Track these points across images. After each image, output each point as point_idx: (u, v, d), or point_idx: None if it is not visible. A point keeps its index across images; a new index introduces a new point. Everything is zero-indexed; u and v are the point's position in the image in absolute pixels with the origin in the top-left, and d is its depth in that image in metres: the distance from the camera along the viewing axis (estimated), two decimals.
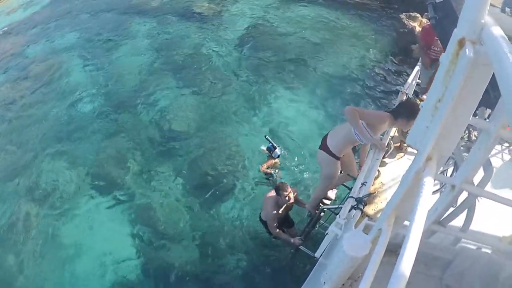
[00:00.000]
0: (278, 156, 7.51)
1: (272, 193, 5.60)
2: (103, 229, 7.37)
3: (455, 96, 1.27)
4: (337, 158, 4.88)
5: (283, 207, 5.59)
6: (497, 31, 1.02)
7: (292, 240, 5.38)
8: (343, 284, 2.47)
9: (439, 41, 5.05)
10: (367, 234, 2.12)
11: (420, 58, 6.52)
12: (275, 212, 5.52)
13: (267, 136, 7.43)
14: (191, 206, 7.51)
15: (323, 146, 4.93)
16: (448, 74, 1.28)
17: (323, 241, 3.98)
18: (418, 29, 12.30)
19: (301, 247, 5.30)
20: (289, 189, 5.38)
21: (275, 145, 7.32)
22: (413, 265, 1.19)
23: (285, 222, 5.98)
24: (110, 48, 12.71)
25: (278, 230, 5.61)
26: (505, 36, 0.99)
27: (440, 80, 1.31)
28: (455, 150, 2.78)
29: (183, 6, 14.98)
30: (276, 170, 7.61)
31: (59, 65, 12.21)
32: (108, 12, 15.10)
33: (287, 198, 5.33)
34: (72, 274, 6.78)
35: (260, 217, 5.98)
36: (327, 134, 5.02)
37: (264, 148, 7.80)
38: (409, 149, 5.33)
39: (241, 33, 12.89)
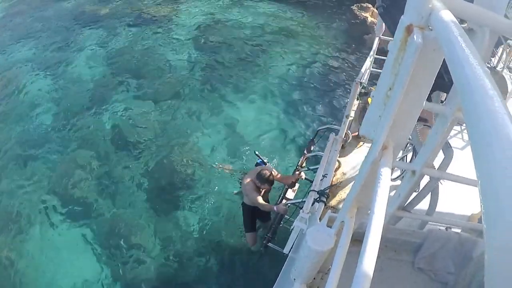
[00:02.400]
0: None
1: (248, 178, 5.72)
2: (65, 247, 7.06)
3: (405, 83, 1.26)
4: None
5: (263, 191, 5.75)
6: (446, 14, 1.01)
7: (275, 208, 5.35)
8: (314, 278, 2.46)
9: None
10: (331, 226, 2.12)
11: None
12: (258, 193, 5.65)
13: (256, 152, 7.18)
14: (154, 214, 7.38)
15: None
16: (397, 62, 1.27)
17: (290, 236, 3.98)
18: (370, 19, 12.51)
19: (270, 244, 5.28)
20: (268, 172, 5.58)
21: (264, 160, 7.03)
22: (383, 252, 1.18)
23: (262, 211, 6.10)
24: (63, 59, 12.30)
25: (261, 201, 5.67)
26: (455, 20, 0.98)
27: (389, 68, 1.30)
28: (413, 135, 2.82)
29: (134, 11, 14.75)
30: None
31: (10, 79, 11.69)
32: (60, 23, 14.64)
33: (269, 177, 5.54)
34: None
35: (242, 204, 6.17)
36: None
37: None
38: None
39: (194, 35, 12.80)
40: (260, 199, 5.59)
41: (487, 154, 0.56)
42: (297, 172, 5.71)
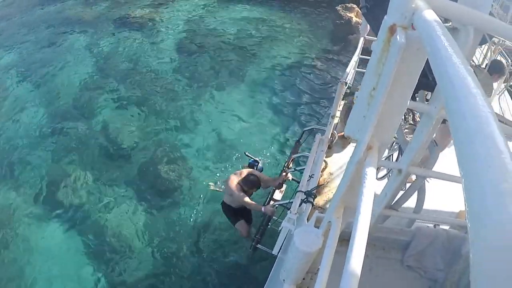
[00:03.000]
0: (262, 170, 7.14)
1: (234, 179, 5.68)
2: (56, 250, 6.96)
3: (389, 83, 1.26)
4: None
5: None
6: (429, 14, 1.01)
7: (263, 209, 5.28)
8: (304, 278, 2.46)
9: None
10: (319, 227, 2.12)
11: None
12: (244, 193, 5.60)
13: (247, 153, 7.02)
14: (142, 216, 7.33)
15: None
16: (381, 62, 1.27)
17: (279, 237, 3.98)
18: (355, 19, 12.59)
19: (259, 245, 5.26)
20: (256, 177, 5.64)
21: (257, 159, 6.91)
22: (372, 251, 1.18)
23: (245, 211, 6.05)
24: (49, 63, 12.12)
25: (248, 200, 5.60)
26: (438, 19, 0.98)
27: (373, 68, 1.30)
28: (399, 134, 2.84)
29: (118, 15, 14.68)
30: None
31: None
32: (46, 27, 14.45)
33: (257, 182, 5.61)
34: None
35: (223, 204, 6.07)
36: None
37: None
38: None
39: (179, 38, 12.78)
40: (247, 199, 5.54)
41: (471, 153, 0.56)
42: (284, 174, 5.71)
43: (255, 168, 6.73)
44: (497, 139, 0.55)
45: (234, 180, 5.68)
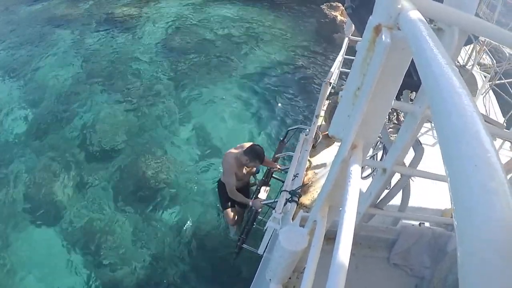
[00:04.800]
0: None
1: (232, 152, 5.41)
2: (40, 256, 6.83)
3: (374, 83, 1.27)
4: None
5: (246, 171, 5.42)
6: (415, 14, 1.02)
7: (250, 203, 5.11)
8: (290, 278, 2.47)
9: None
10: (304, 226, 2.12)
11: None
12: (237, 175, 5.31)
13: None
14: (129, 216, 7.26)
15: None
16: (366, 62, 1.28)
17: (264, 237, 3.98)
18: (339, 18, 12.64)
19: (244, 245, 5.24)
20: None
21: None
22: (358, 249, 1.19)
23: (242, 191, 5.73)
24: (33, 62, 11.86)
25: (236, 191, 5.33)
26: (424, 19, 0.99)
27: (358, 68, 1.31)
28: (383, 134, 2.86)
29: (104, 13, 14.50)
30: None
31: None
32: (31, 26, 14.12)
33: (263, 153, 5.25)
34: None
35: (219, 182, 5.83)
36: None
37: None
38: None
39: (164, 36, 12.70)
40: (234, 190, 5.29)
41: (457, 152, 0.57)
42: (276, 164, 5.62)
43: None
44: (483, 138, 0.56)
45: (230, 154, 5.34)
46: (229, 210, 5.90)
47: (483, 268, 0.47)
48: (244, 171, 5.49)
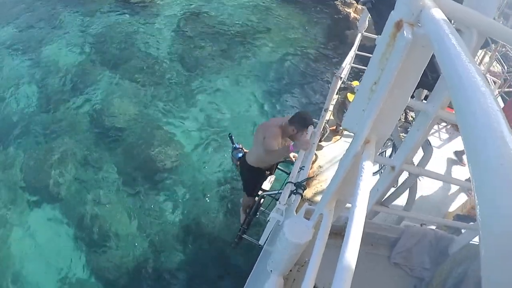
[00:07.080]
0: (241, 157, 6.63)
1: (273, 120, 4.88)
2: (44, 238, 6.92)
3: (392, 78, 1.26)
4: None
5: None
6: (437, 12, 1.02)
7: (291, 147, 4.25)
8: (291, 270, 2.47)
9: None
10: (308, 219, 2.12)
11: None
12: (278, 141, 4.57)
13: (230, 134, 6.44)
14: (131, 203, 7.31)
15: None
16: (385, 57, 1.27)
17: (266, 228, 3.98)
18: (353, 15, 12.56)
19: (245, 236, 5.24)
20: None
21: (238, 146, 6.27)
22: (360, 246, 1.18)
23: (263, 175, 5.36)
24: (43, 42, 11.90)
25: (277, 150, 4.48)
26: (445, 18, 0.98)
27: (376, 63, 1.30)
28: (394, 131, 2.85)
29: None
30: None
31: None
32: (42, 6, 14.09)
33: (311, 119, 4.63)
34: None
35: (242, 164, 5.32)
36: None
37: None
38: (346, 132, 5.44)
39: (175, 23, 12.64)
40: (276, 146, 4.47)
41: (482, 151, 0.57)
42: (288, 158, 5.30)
43: (236, 153, 5.82)
44: (507, 138, 0.56)
45: (274, 122, 4.73)
46: (251, 198, 5.49)
47: (507, 262, 0.47)
48: (280, 146, 4.63)
